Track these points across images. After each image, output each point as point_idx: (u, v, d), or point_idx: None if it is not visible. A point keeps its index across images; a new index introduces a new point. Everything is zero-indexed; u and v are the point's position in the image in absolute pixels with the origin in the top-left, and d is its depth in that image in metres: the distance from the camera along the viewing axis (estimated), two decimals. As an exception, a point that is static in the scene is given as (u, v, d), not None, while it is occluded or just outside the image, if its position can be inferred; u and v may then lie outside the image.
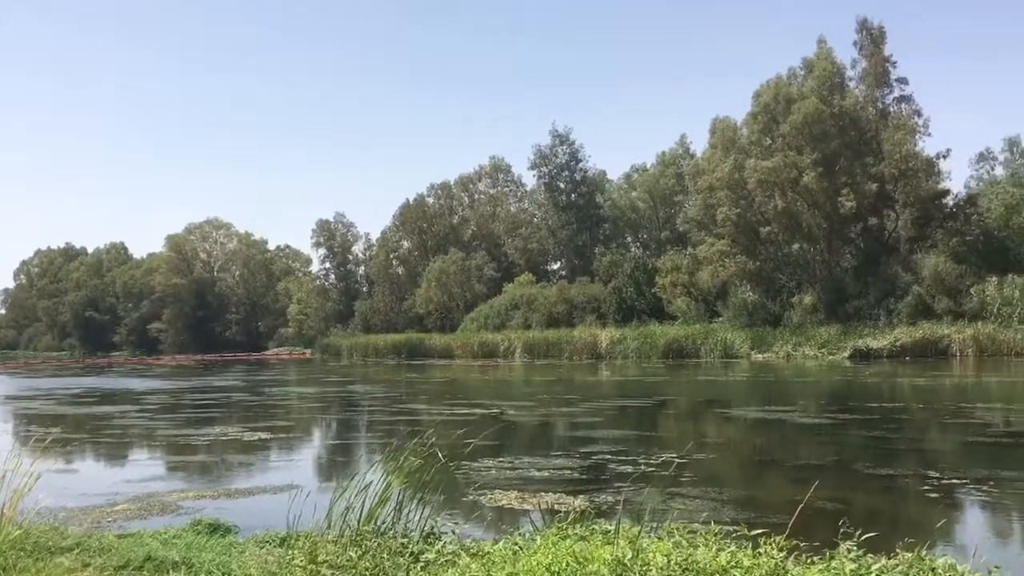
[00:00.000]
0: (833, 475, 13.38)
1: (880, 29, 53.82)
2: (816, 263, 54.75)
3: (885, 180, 52.38)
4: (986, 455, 14.79)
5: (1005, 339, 42.56)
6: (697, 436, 18.87)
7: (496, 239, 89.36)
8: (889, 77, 54.11)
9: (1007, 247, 49.76)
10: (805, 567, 5.26)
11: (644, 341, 53.81)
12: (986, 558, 5.35)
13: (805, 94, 52.84)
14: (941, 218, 53.46)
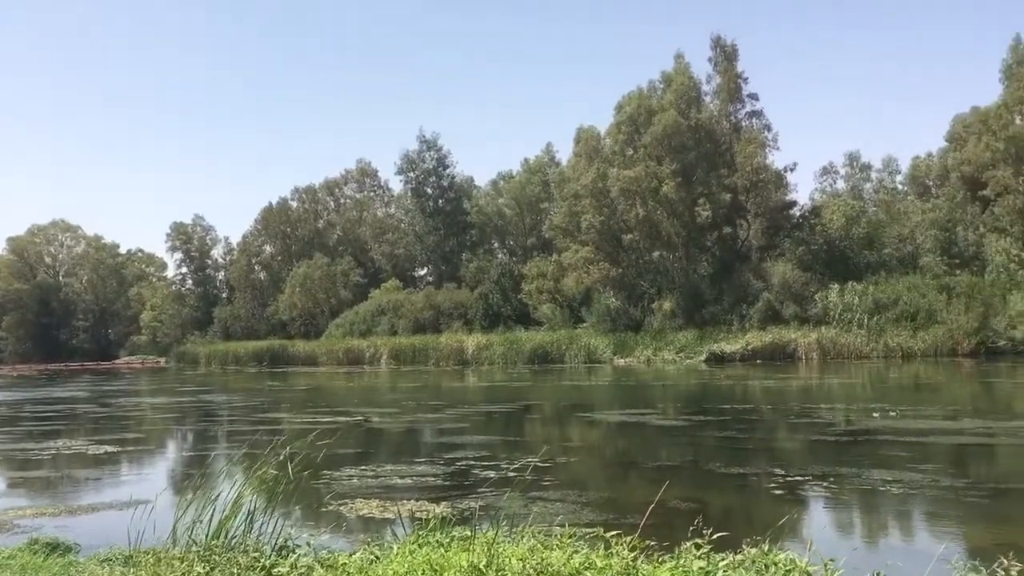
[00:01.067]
0: (688, 475, 13.84)
1: (733, 47, 56.38)
2: (675, 270, 56.72)
3: (738, 191, 54.84)
4: (827, 452, 15.63)
5: (846, 342, 45.27)
6: (560, 440, 19.15)
7: (363, 244, 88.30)
8: (741, 93, 56.73)
9: (848, 256, 52.98)
10: (656, 566, 5.39)
11: (510, 347, 54.31)
12: (823, 551, 5.62)
13: (664, 107, 54.71)
14: (789, 228, 56.45)
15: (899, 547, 9.36)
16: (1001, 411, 21.95)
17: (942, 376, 35.05)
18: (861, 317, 46.16)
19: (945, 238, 52.27)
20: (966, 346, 42.82)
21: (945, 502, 11.27)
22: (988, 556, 5.98)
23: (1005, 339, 42.55)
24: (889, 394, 27.95)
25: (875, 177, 77.84)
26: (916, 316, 45.23)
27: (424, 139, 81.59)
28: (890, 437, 16.91)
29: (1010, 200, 48.44)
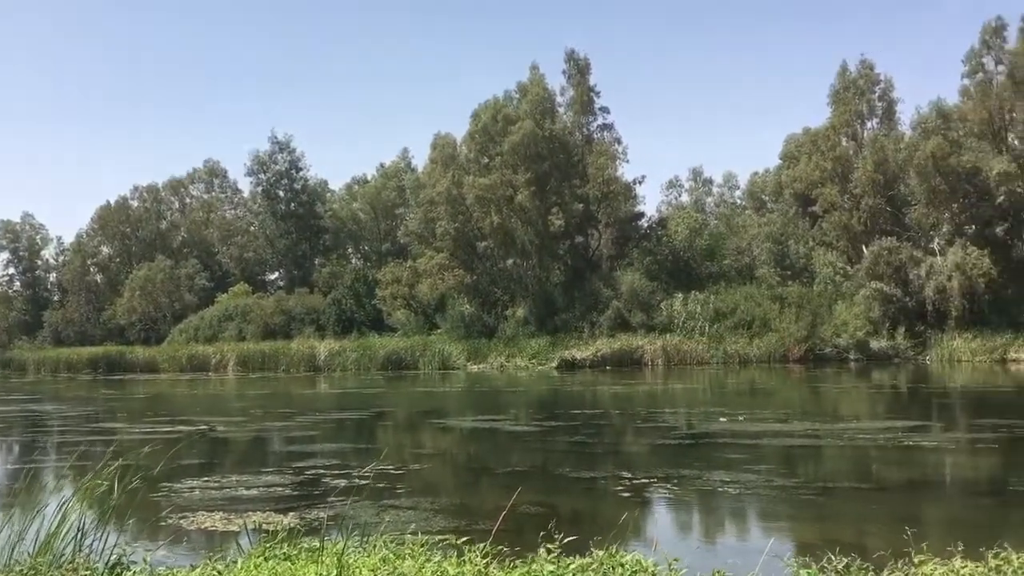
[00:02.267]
0: (540, 480, 14.04)
1: (586, 60, 57.93)
2: (528, 278, 57.57)
3: (590, 201, 56.28)
4: (671, 455, 16.24)
5: (689, 349, 47.25)
6: (413, 447, 19.03)
7: (209, 247, 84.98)
8: (593, 106, 58.32)
9: (691, 266, 55.35)
10: (508, 571, 5.43)
11: (363, 353, 53.58)
12: (667, 550, 5.82)
13: (520, 117, 55.52)
14: (637, 238, 58.43)
15: (736, 545, 9.81)
16: (827, 414, 23.44)
17: (775, 381, 37.11)
18: (703, 325, 48.31)
19: (778, 251, 55.47)
20: (796, 352, 45.53)
21: (777, 501, 11.91)
22: (816, 551, 6.36)
23: (831, 346, 45.53)
24: (728, 399, 29.34)
25: (716, 191, 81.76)
26: (752, 324, 47.75)
27: (276, 140, 79.52)
28: (728, 440, 17.74)
29: (836, 216, 51.89)
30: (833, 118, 54.12)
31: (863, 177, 49.91)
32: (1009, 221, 47.70)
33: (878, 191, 50.08)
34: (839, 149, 52.69)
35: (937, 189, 47.38)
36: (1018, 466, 14.34)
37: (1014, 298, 44.78)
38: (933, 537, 7.44)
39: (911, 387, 32.92)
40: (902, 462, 15.31)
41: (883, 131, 53.22)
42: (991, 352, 42.52)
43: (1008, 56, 48.34)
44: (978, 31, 49.47)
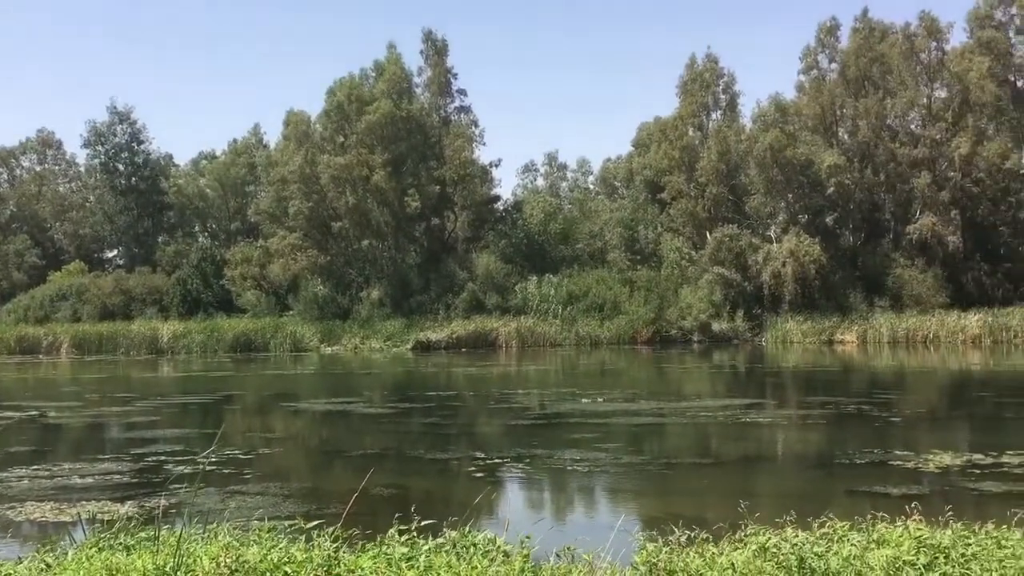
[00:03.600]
0: (393, 462, 13.96)
1: (443, 42, 57.53)
2: (384, 259, 56.94)
3: (446, 183, 56.18)
4: (523, 435, 16.50)
5: (542, 331, 48.07)
6: (263, 431, 18.52)
7: (41, 222, 79.55)
8: (451, 87, 58.10)
9: (546, 250, 56.25)
10: (359, 555, 5.36)
11: (210, 335, 51.59)
12: (519, 528, 5.89)
13: (377, 96, 54.67)
14: (493, 221, 58.82)
15: (586, 521, 10.09)
16: (672, 393, 24.42)
17: (624, 362, 38.32)
18: (556, 307, 49.24)
19: (629, 236, 57.14)
20: (644, 334, 47.13)
21: (625, 477, 12.31)
22: (661, 525, 6.60)
23: (676, 328, 47.39)
24: (579, 379, 30.08)
25: (571, 176, 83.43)
26: (603, 307, 49.05)
27: (116, 111, 75.00)
28: (579, 419, 18.18)
29: (683, 203, 53.92)
30: (681, 109, 56.10)
31: (708, 166, 52.03)
32: (838, 211, 50.92)
33: (721, 180, 52.33)
34: (686, 139, 54.71)
35: (774, 179, 49.99)
36: (843, 441, 15.37)
37: (841, 283, 47.86)
38: (767, 508, 7.88)
39: (748, 367, 34.73)
40: (739, 438, 16.14)
41: (726, 123, 55.60)
42: (820, 334, 45.33)
43: (840, 55, 51.45)
44: (814, 30, 52.54)
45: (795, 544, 5.42)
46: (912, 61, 50.05)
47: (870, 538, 5.52)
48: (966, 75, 47.77)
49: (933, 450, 13.14)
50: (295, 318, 53.23)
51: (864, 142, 49.90)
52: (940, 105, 50.16)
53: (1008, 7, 50.83)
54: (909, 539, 5.36)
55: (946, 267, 47.40)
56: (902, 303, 45.84)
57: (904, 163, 48.83)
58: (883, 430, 16.28)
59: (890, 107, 50.26)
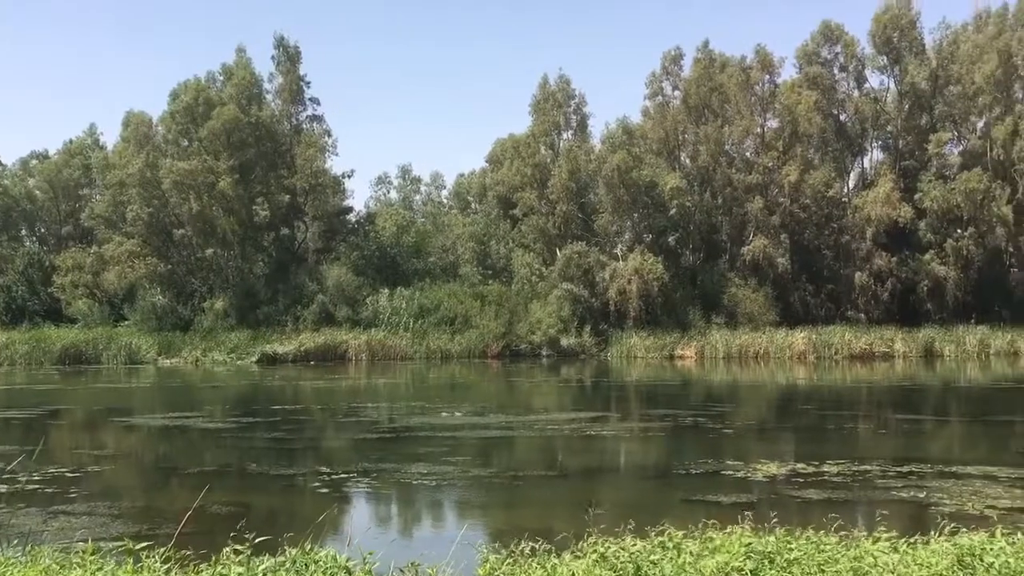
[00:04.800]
0: (233, 479, 13.49)
1: (296, 48, 56.32)
2: (230, 269, 55.07)
3: (297, 193, 55.00)
4: (372, 450, 16.31)
5: (393, 344, 47.71)
6: (92, 447, 17.49)
7: None
8: (303, 95, 56.92)
9: (398, 263, 55.96)
10: (191, 575, 5.15)
11: (36, 345, 48.31)
12: (363, 544, 5.82)
13: (224, 100, 52.94)
14: (345, 233, 57.98)
15: (432, 535, 10.07)
16: (521, 407, 24.75)
17: (474, 376, 38.56)
18: (407, 321, 49.03)
19: (481, 250, 57.73)
20: (495, 348, 47.63)
21: (473, 490, 12.38)
22: (506, 537, 6.68)
23: (526, 343, 48.15)
24: (430, 393, 30.00)
25: (424, 190, 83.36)
26: (455, 321, 49.24)
27: (-68, 102, 69.33)
28: (428, 433, 18.15)
29: (534, 220, 54.92)
30: (534, 127, 57.22)
31: (558, 184, 53.24)
32: (680, 232, 53.24)
33: (571, 198, 53.66)
34: (538, 156, 55.79)
35: (621, 199, 51.71)
36: (680, 452, 16.02)
37: (681, 301, 49.96)
38: (609, 518, 8.11)
39: (594, 381, 35.68)
40: (585, 450, 16.55)
41: (577, 142, 57.13)
42: (662, 349, 47.14)
43: (683, 83, 53.90)
44: (659, 58, 54.86)
45: (633, 553, 5.62)
46: (748, 92, 53.06)
47: (703, 545, 5.80)
48: (795, 107, 51.03)
49: (762, 460, 13.90)
50: (130, 329, 50.60)
51: (704, 167, 52.41)
52: (772, 134, 53.37)
53: (833, 45, 54.68)
54: (738, 546, 5.65)
55: (776, 287, 50.32)
56: (736, 320, 48.31)
57: (739, 188, 51.60)
58: (717, 441, 17.08)
59: (728, 134, 53.04)
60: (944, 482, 12.14)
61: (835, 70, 55.16)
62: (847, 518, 7.86)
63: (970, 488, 11.68)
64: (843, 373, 37.42)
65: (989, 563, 5.37)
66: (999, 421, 20.95)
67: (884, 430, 19.77)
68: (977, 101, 52.15)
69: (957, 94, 53.16)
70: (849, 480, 12.44)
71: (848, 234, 51.66)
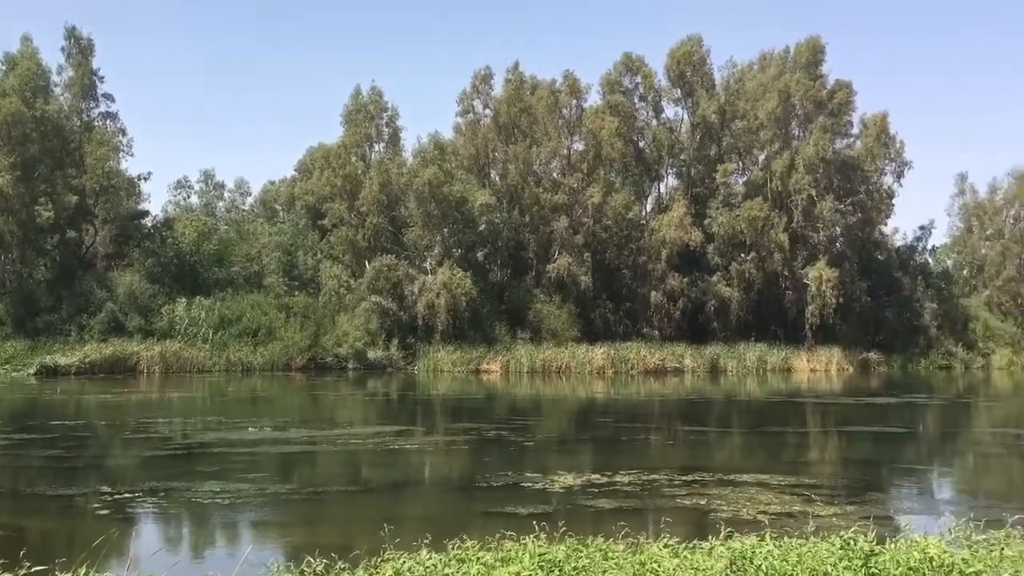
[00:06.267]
0: (7, 500, 12.45)
1: (89, 40, 52.75)
2: (6, 273, 50.60)
3: (87, 194, 51.43)
4: (161, 467, 15.49)
5: (190, 356, 45.46)
6: None
7: None
8: (96, 90, 53.39)
9: (198, 271, 53.42)
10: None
11: None
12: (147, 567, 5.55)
13: (6, 91, 48.75)
14: (139, 238, 54.68)
15: (222, 556, 9.69)
16: (324, 421, 24.30)
17: (276, 389, 37.44)
18: (206, 332, 46.89)
19: (288, 261, 56.17)
20: (299, 361, 46.49)
21: (270, 508, 12.03)
22: (303, 555, 6.55)
23: (332, 355, 47.33)
24: (228, 407, 28.84)
25: (228, 196, 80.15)
26: (258, 332, 47.61)
27: None
28: (224, 449, 17.46)
29: (343, 231, 54.22)
30: (345, 137, 56.59)
31: (369, 196, 52.88)
32: (488, 248, 54.22)
33: (382, 211, 53.44)
34: (349, 167, 55.18)
35: (431, 213, 52.05)
36: (483, 465, 16.29)
37: (488, 316, 50.85)
38: (410, 532, 8.13)
39: (401, 395, 35.59)
40: (389, 464, 16.48)
41: (389, 155, 56.99)
42: (468, 363, 47.73)
43: (494, 102, 55.08)
44: (470, 76, 55.79)
45: (428, 566, 5.69)
46: (556, 115, 55.01)
47: (497, 556, 5.95)
48: (599, 132, 53.37)
49: (559, 472, 14.39)
50: None
51: (513, 185, 53.72)
52: (578, 157, 55.53)
53: (634, 76, 57.70)
54: (530, 556, 5.85)
55: (578, 304, 52.23)
56: (541, 336, 49.72)
57: (546, 207, 53.26)
58: (518, 454, 17.51)
59: (536, 154, 54.68)
60: (723, 489, 13.04)
61: (635, 99, 58.20)
62: (635, 525, 8.29)
63: (746, 495, 12.61)
64: (638, 387, 39.35)
65: (758, 565, 5.84)
66: (773, 432, 22.74)
67: (672, 441, 20.96)
68: (759, 136, 56.63)
69: (743, 128, 57.47)
70: (639, 489, 13.11)
71: (645, 255, 54.45)
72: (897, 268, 59.37)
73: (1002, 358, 57.27)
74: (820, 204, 53.04)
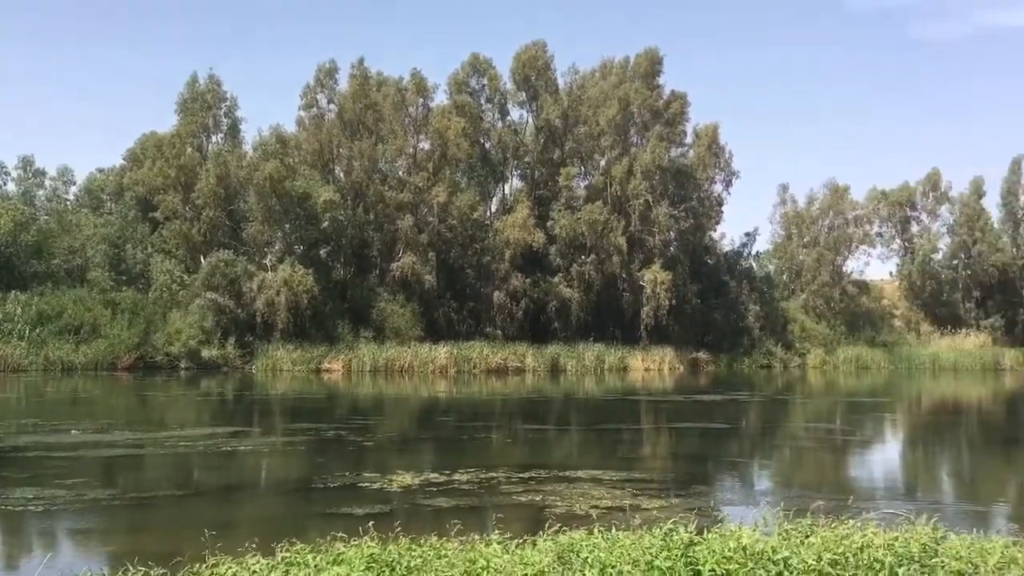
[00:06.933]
0: None
1: None
2: None
3: None
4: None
5: (3, 354, 42.24)
6: None
7: None
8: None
9: (14, 264, 49.73)
10: None
11: None
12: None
13: None
14: (-54, 227, 50.29)
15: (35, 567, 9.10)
16: (153, 422, 23.19)
17: (101, 390, 35.40)
18: (23, 328, 43.73)
19: (115, 254, 53.07)
20: (127, 360, 44.09)
21: (90, 515, 11.39)
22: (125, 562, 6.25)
23: (163, 354, 45.18)
24: (46, 409, 27.03)
25: (49, 185, 74.91)
26: (80, 329, 44.79)
27: None
28: (40, 453, 16.39)
29: (177, 225, 51.88)
30: (180, 126, 54.21)
31: (206, 189, 50.85)
32: (331, 245, 53.23)
33: (219, 204, 51.50)
34: (184, 158, 52.88)
35: (273, 209, 50.59)
36: (320, 465, 16.02)
37: (331, 314, 49.95)
38: (240, 537, 7.91)
39: (237, 395, 34.44)
40: (222, 467, 15.94)
41: (227, 147, 54.98)
42: (309, 362, 46.73)
43: (339, 97, 54.16)
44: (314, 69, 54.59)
45: (253, 571, 5.56)
46: (402, 113, 54.72)
47: (327, 559, 5.88)
48: (446, 132, 53.50)
49: (398, 471, 14.36)
50: None
51: (357, 182, 53.02)
52: (424, 156, 55.45)
53: (481, 77, 58.20)
54: (360, 557, 5.83)
55: (422, 303, 52.18)
56: (384, 335, 49.35)
57: (391, 205, 52.88)
58: (357, 454, 17.33)
59: (381, 152, 54.22)
60: (559, 486, 13.39)
61: (482, 100, 58.71)
62: (471, 523, 8.41)
63: (579, 490, 13.00)
64: (480, 386, 39.75)
65: (584, 557, 6.05)
66: (608, 429, 23.54)
67: (511, 440, 21.33)
68: (600, 142, 58.39)
69: (584, 134, 59.05)
70: (477, 487, 13.27)
71: (489, 255, 55.01)
72: (725, 272, 62.66)
73: (816, 357, 61.51)
74: (656, 209, 55.23)
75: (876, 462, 19.13)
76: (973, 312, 72.57)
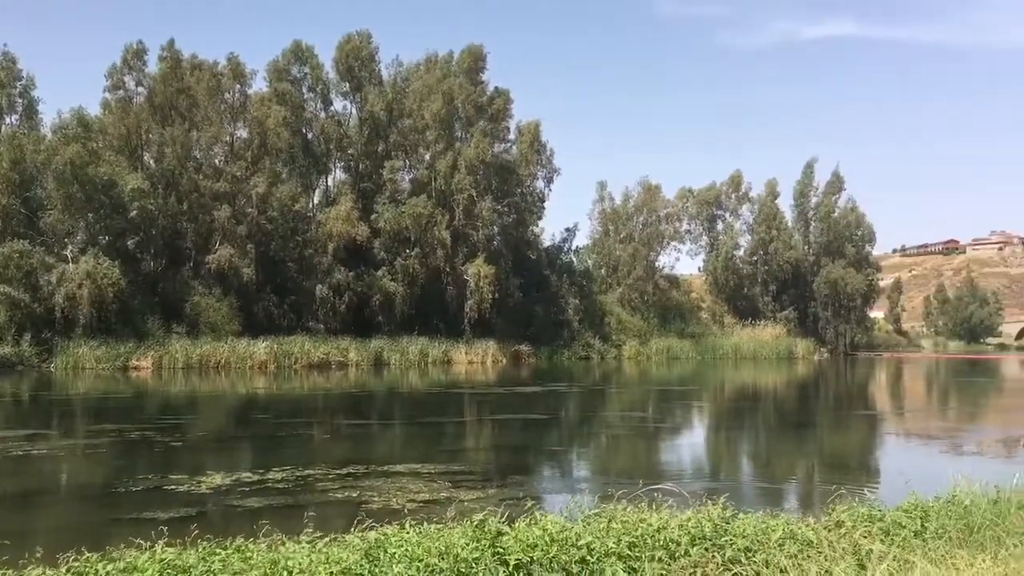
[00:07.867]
0: None
1: None
2: None
3: None
4: None
5: None
6: None
7: None
8: None
9: None
10: None
11: None
12: None
13: None
14: None
15: None
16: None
17: None
18: None
19: None
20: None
21: None
22: None
23: None
24: None
25: None
26: None
27: None
28: None
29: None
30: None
31: (-3, 174, 46.84)
32: (140, 235, 50.21)
33: (13, 191, 47.55)
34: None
35: (74, 196, 47.16)
36: (124, 468, 15.17)
37: (140, 309, 47.19)
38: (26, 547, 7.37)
39: (33, 395, 32.03)
40: (13, 473, 14.81)
41: (23, 129, 50.88)
42: (115, 360, 43.94)
43: (149, 80, 51.23)
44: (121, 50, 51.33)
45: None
46: (218, 99, 52.47)
47: (118, 567, 5.57)
48: (265, 120, 51.83)
49: (209, 472, 13.82)
50: None
51: (169, 170, 50.43)
52: (242, 144, 53.49)
53: (303, 66, 56.78)
54: (152, 563, 5.56)
55: (240, 297, 50.27)
56: (199, 330, 47.23)
57: (207, 195, 50.66)
58: (165, 455, 16.53)
59: (196, 139, 51.82)
60: (377, 481, 13.32)
61: (304, 89, 57.31)
62: (283, 522, 8.18)
63: (398, 485, 12.98)
64: (301, 382, 38.84)
65: (392, 552, 6.05)
66: (430, 423, 23.61)
67: (332, 435, 21.01)
68: (425, 135, 58.37)
69: (409, 127, 58.86)
70: (291, 485, 12.98)
71: (312, 248, 53.78)
72: (546, 267, 64.26)
73: (631, 349, 64.23)
74: (480, 204, 55.83)
75: (684, 447, 20.24)
76: (770, 305, 78.01)
